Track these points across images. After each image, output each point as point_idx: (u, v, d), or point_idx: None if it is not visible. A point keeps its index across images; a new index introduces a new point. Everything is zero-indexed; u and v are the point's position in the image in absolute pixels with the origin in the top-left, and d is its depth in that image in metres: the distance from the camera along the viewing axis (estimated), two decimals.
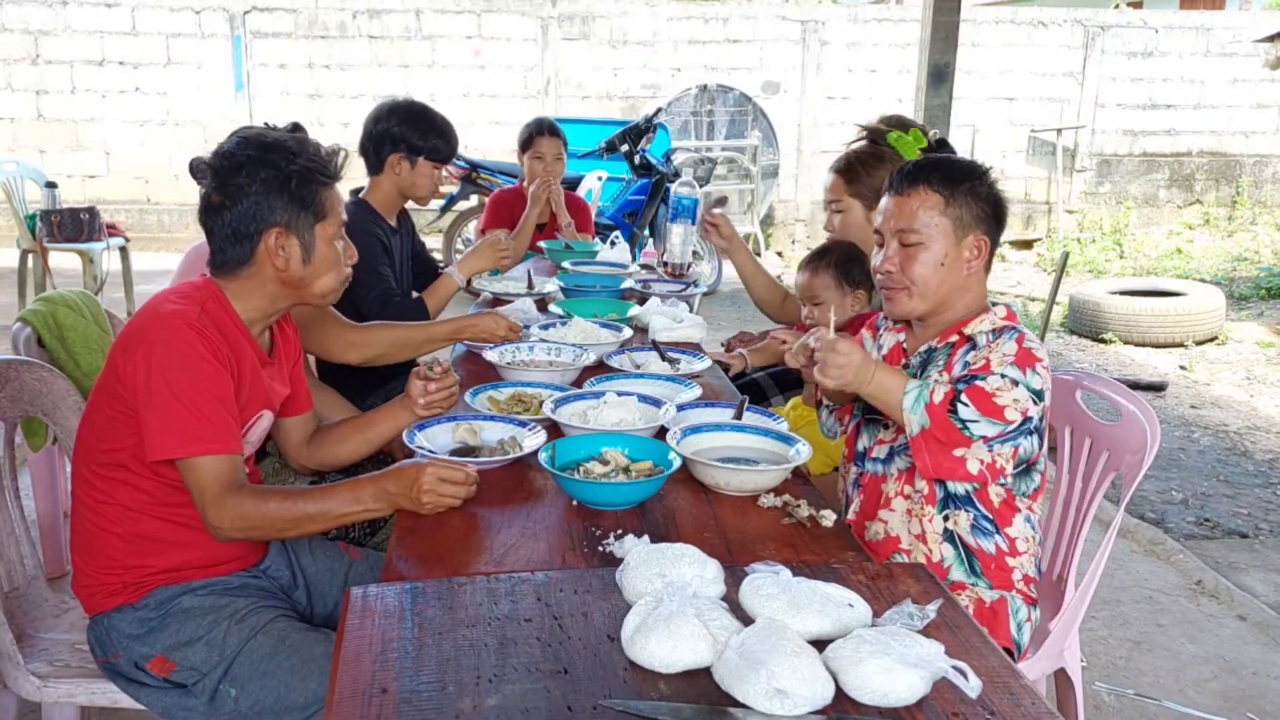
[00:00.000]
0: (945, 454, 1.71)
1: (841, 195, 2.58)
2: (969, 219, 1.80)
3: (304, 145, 1.74)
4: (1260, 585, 3.34)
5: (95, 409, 1.69)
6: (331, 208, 1.76)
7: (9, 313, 5.63)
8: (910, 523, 1.85)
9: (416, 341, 2.41)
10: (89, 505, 1.70)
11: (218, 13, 8.96)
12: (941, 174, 1.81)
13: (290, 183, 1.69)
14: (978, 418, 1.67)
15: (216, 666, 1.64)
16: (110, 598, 1.69)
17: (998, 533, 1.81)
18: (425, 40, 9.22)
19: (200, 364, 1.59)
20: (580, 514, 1.69)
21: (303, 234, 1.72)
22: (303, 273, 1.74)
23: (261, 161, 1.68)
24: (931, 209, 1.80)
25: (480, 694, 1.15)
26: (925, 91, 5.17)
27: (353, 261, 1.84)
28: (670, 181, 6.76)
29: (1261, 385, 5.69)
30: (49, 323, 2.44)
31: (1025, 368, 1.70)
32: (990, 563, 1.82)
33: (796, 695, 1.11)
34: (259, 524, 1.63)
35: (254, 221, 1.69)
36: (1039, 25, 9.76)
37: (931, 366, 1.84)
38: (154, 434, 1.58)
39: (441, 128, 2.91)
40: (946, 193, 1.80)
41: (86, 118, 9.06)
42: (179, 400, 1.57)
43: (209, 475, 1.59)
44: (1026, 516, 1.84)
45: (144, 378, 1.58)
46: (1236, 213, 10.23)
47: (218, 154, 1.71)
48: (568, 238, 4.03)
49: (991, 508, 1.81)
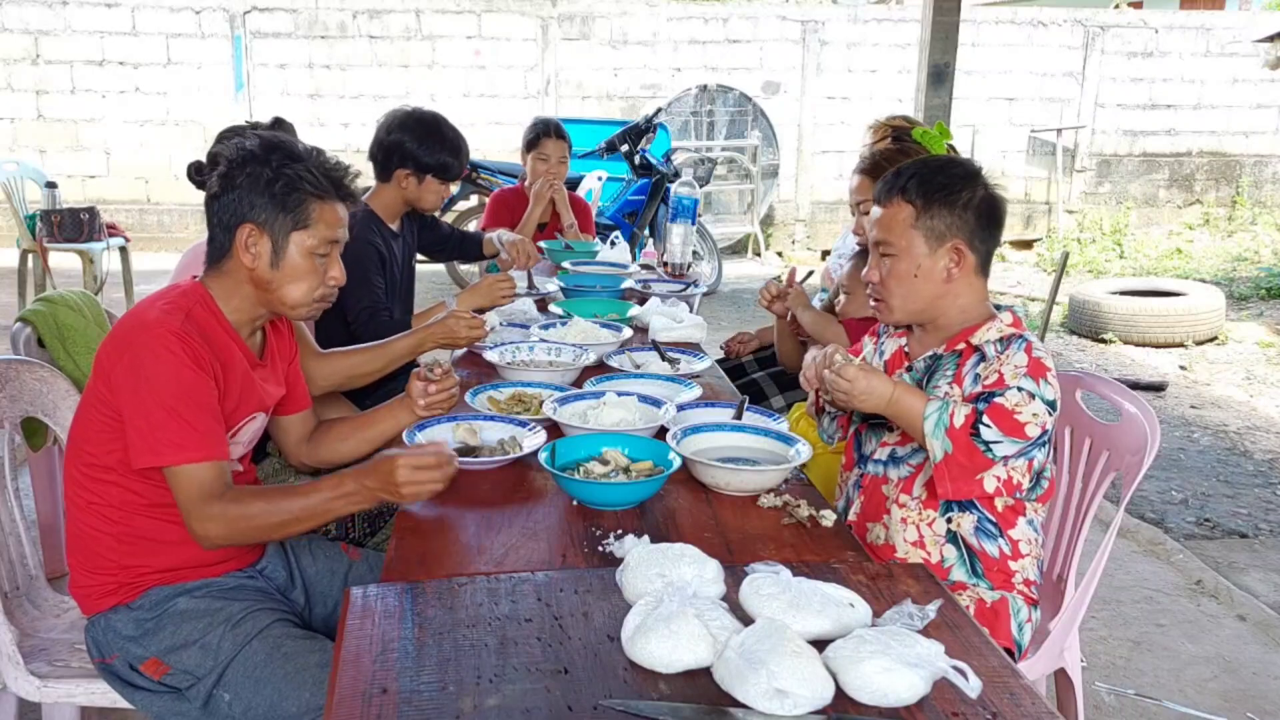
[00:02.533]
0: (968, 479, 1.72)
1: (869, 195, 2.53)
2: (943, 229, 1.80)
3: (313, 154, 1.74)
4: (1260, 585, 3.34)
5: (84, 411, 1.69)
6: (317, 220, 1.72)
7: (9, 313, 5.64)
8: (906, 530, 1.85)
9: (375, 368, 2.28)
10: (81, 506, 1.70)
11: (218, 13, 8.96)
12: (918, 183, 1.81)
13: (275, 183, 1.68)
14: (1000, 438, 1.67)
15: (211, 671, 1.63)
16: (106, 598, 1.69)
17: (1001, 535, 1.81)
18: (425, 40, 9.22)
19: (183, 371, 1.59)
20: (580, 514, 1.69)
21: (276, 236, 1.70)
22: (269, 275, 1.71)
23: (258, 159, 1.69)
24: (904, 221, 1.81)
25: (480, 694, 1.15)
26: (925, 91, 5.17)
27: (337, 283, 1.79)
28: (670, 181, 6.76)
29: (1261, 385, 5.69)
30: (49, 323, 2.44)
31: (1038, 379, 1.70)
32: (993, 565, 1.82)
33: (796, 695, 1.11)
34: (244, 529, 1.61)
35: (234, 214, 1.69)
36: (1039, 25, 9.76)
37: (939, 376, 1.84)
38: (138, 442, 1.58)
39: (453, 145, 2.88)
40: (920, 204, 1.80)
41: (86, 118, 9.06)
42: (162, 408, 1.57)
43: (193, 483, 1.58)
44: (1030, 519, 1.83)
45: (129, 386, 1.58)
46: (1236, 213, 10.22)
47: (233, 149, 1.73)
48: (569, 238, 4.03)
49: (995, 511, 1.81)
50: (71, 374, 2.28)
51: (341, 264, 1.80)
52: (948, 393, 1.79)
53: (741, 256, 9.41)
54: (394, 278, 2.94)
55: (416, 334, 2.31)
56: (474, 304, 2.85)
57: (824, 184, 9.78)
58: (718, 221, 9.16)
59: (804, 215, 9.88)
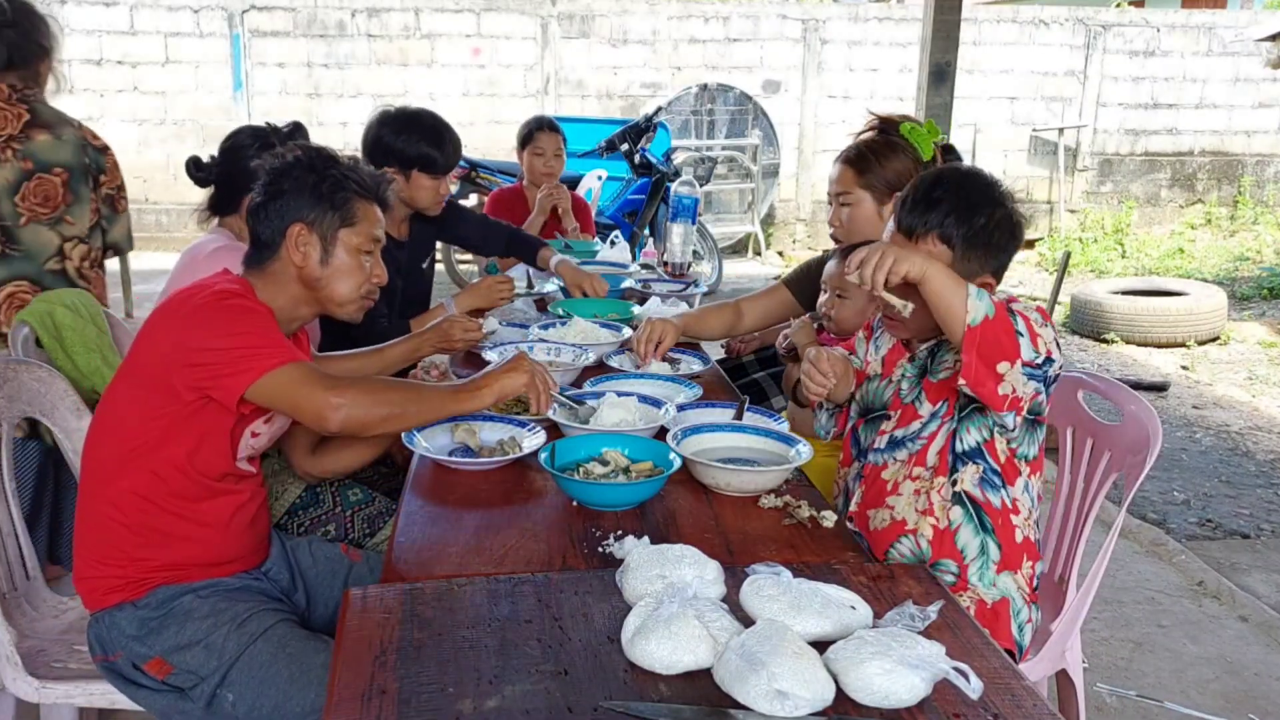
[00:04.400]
0: (992, 363, 1.62)
1: (851, 187, 2.41)
2: (977, 269, 1.75)
3: (352, 161, 1.84)
4: (1262, 586, 3.34)
5: (116, 391, 1.71)
6: (363, 219, 1.79)
7: None
8: (918, 500, 1.82)
9: (371, 373, 2.19)
10: (97, 495, 1.70)
11: (216, 12, 8.95)
12: (956, 222, 1.73)
13: (322, 184, 1.75)
14: (1025, 331, 1.62)
15: (215, 671, 1.64)
16: (112, 594, 1.69)
17: (1004, 486, 1.78)
18: (424, 39, 9.21)
19: (246, 305, 1.67)
20: (580, 515, 1.68)
21: (325, 234, 1.76)
22: (319, 273, 1.76)
23: (304, 165, 1.76)
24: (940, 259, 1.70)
25: (480, 695, 1.14)
26: (926, 90, 5.16)
27: (379, 282, 1.85)
28: (670, 181, 6.75)
29: (1264, 385, 5.68)
30: (47, 323, 2.43)
31: (1043, 316, 1.69)
32: (998, 517, 1.78)
33: (797, 696, 1.11)
34: (373, 398, 1.66)
35: (283, 217, 1.74)
36: (1040, 24, 9.75)
37: (942, 353, 1.82)
38: (226, 372, 1.59)
39: (433, 136, 2.74)
40: (960, 249, 1.73)
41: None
42: (233, 336, 1.60)
43: (295, 380, 1.61)
44: (1026, 485, 1.81)
45: (195, 338, 1.60)
46: (1238, 212, 10.21)
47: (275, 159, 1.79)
48: (569, 238, 4.02)
49: (999, 460, 1.78)
50: (69, 374, 2.28)
51: (383, 264, 1.86)
52: (956, 361, 1.72)
53: (742, 256, 9.40)
54: (394, 285, 2.92)
55: (412, 339, 2.29)
56: (472, 305, 2.82)
57: (825, 183, 9.68)
58: (718, 221, 9.15)
59: (805, 214, 9.88)
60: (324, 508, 2.14)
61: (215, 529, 1.72)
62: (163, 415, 1.63)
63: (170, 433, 1.64)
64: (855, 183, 2.41)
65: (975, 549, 1.80)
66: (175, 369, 1.61)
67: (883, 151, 2.39)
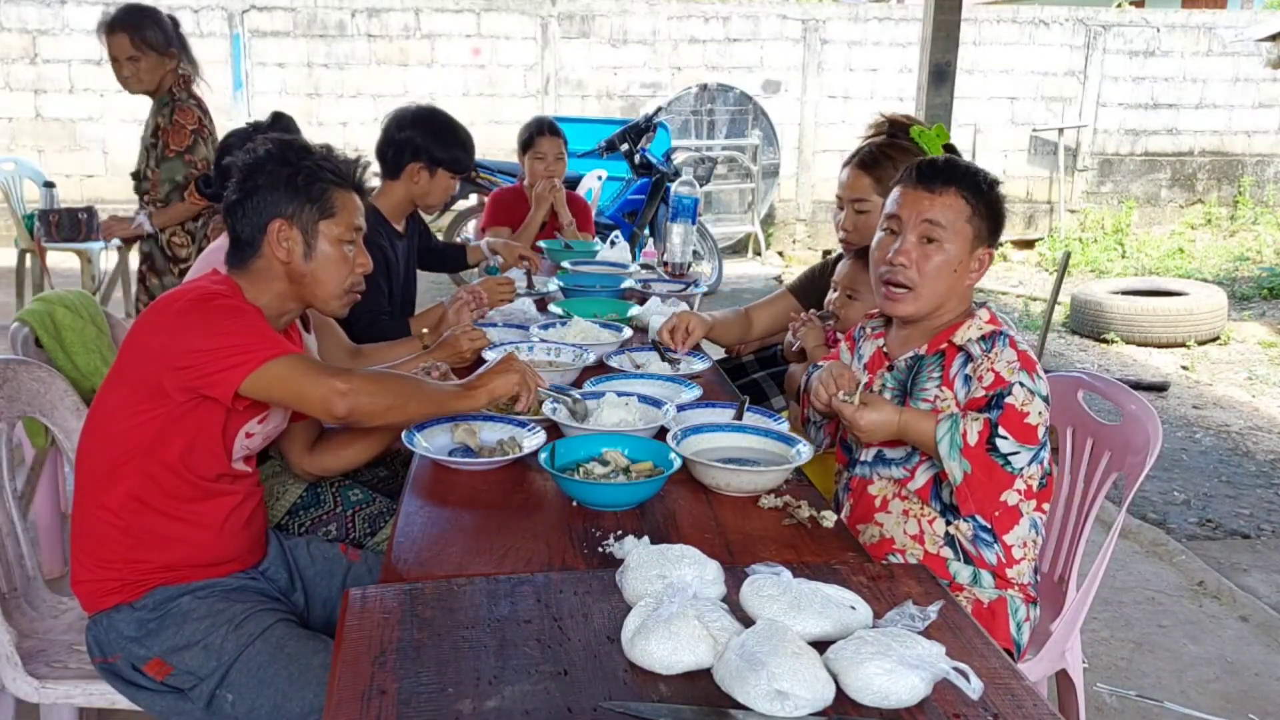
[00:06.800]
0: (992, 498, 1.72)
1: (869, 194, 2.37)
2: (985, 232, 1.81)
3: (323, 150, 1.81)
4: (1262, 586, 3.33)
5: (107, 395, 1.70)
6: (341, 209, 1.77)
7: (7, 313, 5.63)
8: (907, 523, 1.84)
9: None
10: (92, 498, 1.69)
11: (216, 11, 8.94)
12: (970, 181, 1.80)
13: (297, 177, 1.73)
14: (1018, 448, 1.67)
15: (214, 672, 1.63)
16: (109, 596, 1.68)
17: (996, 542, 1.81)
18: (424, 39, 9.21)
19: (234, 305, 1.66)
20: (580, 515, 1.68)
21: (306, 228, 1.74)
22: (304, 268, 1.75)
23: (275, 158, 1.74)
24: (959, 214, 1.78)
25: (480, 696, 1.14)
26: (926, 90, 5.15)
27: (364, 270, 1.84)
28: (670, 181, 6.75)
29: (1264, 385, 5.68)
30: (46, 323, 2.43)
31: (1031, 374, 1.71)
32: (989, 570, 1.82)
33: (797, 696, 1.11)
34: (377, 386, 1.67)
35: (261, 213, 1.73)
36: (1040, 24, 9.74)
37: (924, 378, 1.83)
38: (226, 365, 1.58)
39: (464, 140, 2.96)
40: (974, 202, 1.79)
41: (84, 117, 9.04)
42: (226, 334, 1.60)
43: (295, 370, 1.61)
44: (1033, 521, 1.82)
45: (184, 341, 1.59)
46: (1238, 212, 10.21)
47: (246, 155, 1.77)
48: (568, 237, 4.02)
49: (991, 519, 1.80)
50: (69, 374, 2.28)
51: (367, 252, 1.85)
52: (938, 396, 1.79)
53: (742, 256, 9.39)
54: (397, 281, 2.94)
55: (421, 357, 2.32)
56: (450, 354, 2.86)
57: (825, 183, 9.76)
58: (718, 221, 9.15)
59: (805, 214, 9.87)
60: (325, 508, 2.14)
61: (211, 529, 1.71)
62: (155, 417, 1.63)
63: (163, 435, 1.64)
64: (872, 190, 2.38)
65: (968, 577, 1.82)
66: (165, 372, 1.60)
67: (897, 156, 2.35)
